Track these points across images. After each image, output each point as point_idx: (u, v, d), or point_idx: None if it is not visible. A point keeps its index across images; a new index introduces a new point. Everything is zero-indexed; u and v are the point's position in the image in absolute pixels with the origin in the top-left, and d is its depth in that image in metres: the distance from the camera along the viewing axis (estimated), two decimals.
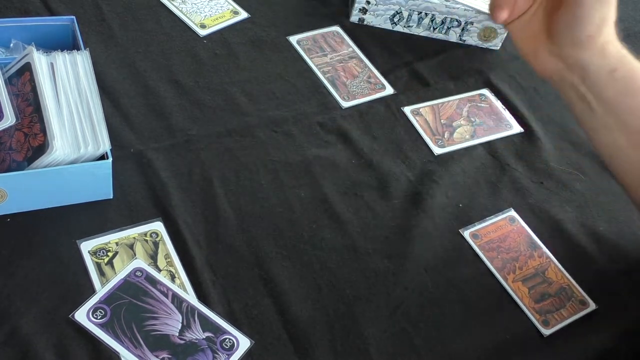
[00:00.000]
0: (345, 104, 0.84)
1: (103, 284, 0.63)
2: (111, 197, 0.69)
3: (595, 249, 0.75)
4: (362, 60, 0.90)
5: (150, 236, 0.67)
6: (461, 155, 0.82)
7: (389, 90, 0.87)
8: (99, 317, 0.60)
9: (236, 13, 0.92)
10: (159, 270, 0.65)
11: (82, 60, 0.68)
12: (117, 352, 0.58)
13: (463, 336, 0.66)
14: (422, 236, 0.72)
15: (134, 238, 0.66)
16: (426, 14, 0.93)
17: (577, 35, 0.65)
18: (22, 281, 0.62)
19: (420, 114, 0.85)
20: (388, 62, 0.91)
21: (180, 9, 0.90)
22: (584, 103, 0.67)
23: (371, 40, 0.93)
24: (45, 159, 0.62)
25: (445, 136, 0.83)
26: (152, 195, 0.70)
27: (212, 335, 0.61)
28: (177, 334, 0.60)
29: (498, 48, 0.97)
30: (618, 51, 0.65)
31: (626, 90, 0.66)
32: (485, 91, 0.91)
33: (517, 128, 0.87)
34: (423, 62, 0.92)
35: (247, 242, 0.69)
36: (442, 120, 0.85)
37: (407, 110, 0.85)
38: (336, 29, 0.93)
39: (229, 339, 0.61)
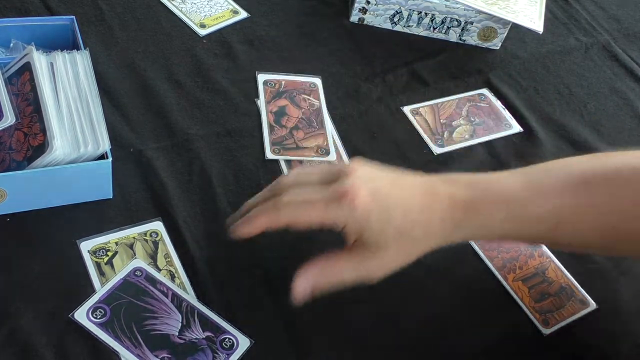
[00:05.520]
0: None
1: (103, 284, 0.63)
2: (111, 197, 0.69)
3: None
4: None
5: (150, 236, 0.67)
6: (461, 155, 0.82)
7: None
8: (98, 317, 0.60)
9: (236, 13, 0.92)
10: (159, 269, 0.64)
11: (82, 60, 0.68)
12: (116, 351, 0.58)
13: (463, 336, 0.66)
14: None
15: (134, 238, 0.66)
16: (426, 13, 0.93)
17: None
18: (22, 281, 0.62)
19: (419, 114, 0.85)
20: (388, 62, 0.91)
21: (180, 8, 0.90)
22: None
23: (371, 40, 0.93)
24: (45, 159, 0.62)
25: (445, 136, 0.83)
26: (152, 195, 0.70)
27: (212, 334, 0.61)
28: (177, 334, 0.60)
29: (498, 48, 0.97)
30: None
31: None
32: (484, 91, 0.91)
33: (516, 128, 0.87)
34: (423, 62, 0.92)
35: (247, 242, 0.69)
36: (441, 120, 0.85)
37: (407, 110, 0.85)
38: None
39: (229, 338, 0.61)
